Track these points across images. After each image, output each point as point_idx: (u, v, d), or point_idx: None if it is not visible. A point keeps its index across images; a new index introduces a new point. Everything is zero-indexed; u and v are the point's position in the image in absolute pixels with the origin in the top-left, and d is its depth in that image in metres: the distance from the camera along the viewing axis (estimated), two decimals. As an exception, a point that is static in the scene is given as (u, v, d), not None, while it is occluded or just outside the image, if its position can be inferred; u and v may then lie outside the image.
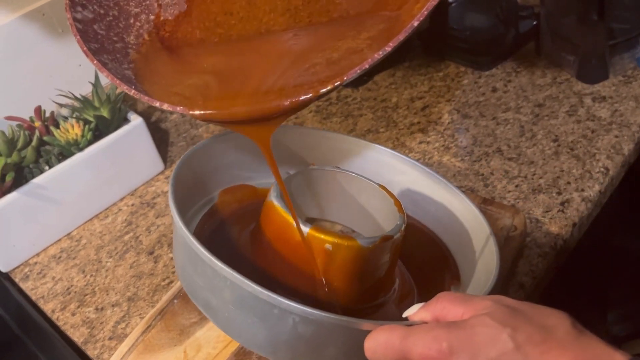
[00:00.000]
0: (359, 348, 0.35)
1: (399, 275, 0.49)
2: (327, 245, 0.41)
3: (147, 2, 0.47)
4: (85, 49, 0.40)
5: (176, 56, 0.45)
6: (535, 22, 0.79)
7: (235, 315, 0.39)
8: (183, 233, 0.40)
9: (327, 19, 0.44)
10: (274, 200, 0.44)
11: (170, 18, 0.47)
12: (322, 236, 0.41)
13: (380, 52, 0.33)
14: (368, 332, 0.34)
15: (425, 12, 0.33)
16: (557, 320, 0.31)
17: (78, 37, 0.41)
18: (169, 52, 0.45)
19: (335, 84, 0.34)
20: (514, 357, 0.29)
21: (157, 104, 0.37)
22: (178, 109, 0.36)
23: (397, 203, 0.47)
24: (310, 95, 0.35)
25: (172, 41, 0.46)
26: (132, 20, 0.46)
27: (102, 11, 0.44)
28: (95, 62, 0.39)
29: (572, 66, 0.74)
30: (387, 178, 0.55)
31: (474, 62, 0.80)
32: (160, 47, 0.45)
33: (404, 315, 0.36)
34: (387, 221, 0.48)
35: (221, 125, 0.41)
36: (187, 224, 0.41)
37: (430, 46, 0.85)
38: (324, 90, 0.34)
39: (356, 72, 0.34)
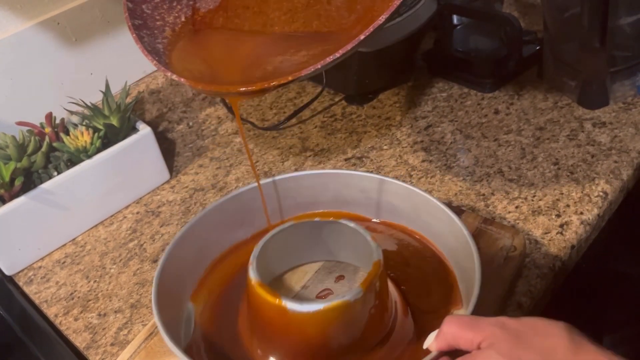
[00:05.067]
0: None
1: (393, 307, 0.50)
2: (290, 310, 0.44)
3: None
4: (129, 24, 0.49)
5: (197, 40, 0.54)
6: (538, 47, 0.81)
7: None
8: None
9: (317, 21, 0.53)
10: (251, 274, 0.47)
11: (205, 7, 0.56)
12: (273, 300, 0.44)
13: (331, 58, 0.42)
14: None
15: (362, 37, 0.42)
16: (556, 340, 0.33)
17: (127, 14, 0.50)
18: (194, 34, 0.54)
19: (297, 76, 0.43)
20: None
21: (169, 74, 0.46)
22: (182, 80, 0.46)
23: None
24: (275, 83, 0.43)
25: (201, 25, 0.55)
26: (175, 3, 0.54)
27: None
28: (134, 35, 0.49)
29: (573, 91, 0.75)
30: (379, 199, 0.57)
31: (477, 84, 0.82)
32: (191, 29, 0.54)
33: (424, 347, 0.39)
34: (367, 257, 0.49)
35: (214, 95, 0.52)
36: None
37: (434, 67, 0.87)
38: (285, 81, 0.43)
39: (310, 70, 0.42)
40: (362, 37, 0.41)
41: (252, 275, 0.47)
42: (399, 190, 0.56)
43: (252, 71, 0.48)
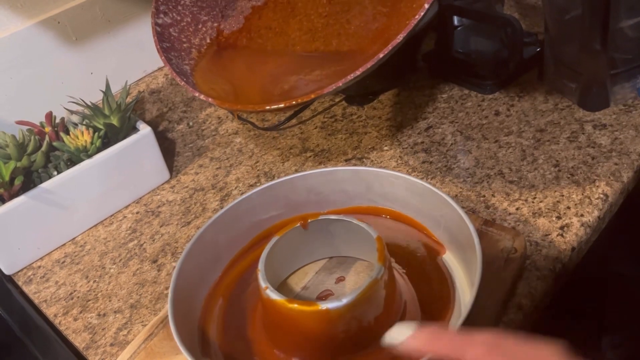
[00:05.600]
0: None
1: (401, 302, 0.50)
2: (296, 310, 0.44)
3: (214, 13, 0.58)
4: (158, 47, 0.52)
5: (221, 61, 0.56)
6: (538, 49, 0.81)
7: None
8: None
9: (336, 40, 0.53)
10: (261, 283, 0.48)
11: (230, 28, 0.59)
12: (288, 305, 0.45)
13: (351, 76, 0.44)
14: None
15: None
16: None
17: (155, 38, 0.52)
18: (218, 55, 0.57)
19: (317, 95, 0.45)
20: None
21: (197, 94, 0.48)
22: (210, 100, 0.48)
23: (380, 255, 0.48)
24: (298, 102, 0.46)
25: (225, 45, 0.58)
26: (200, 26, 0.57)
27: (178, 18, 0.55)
28: (163, 57, 0.51)
29: (573, 93, 0.75)
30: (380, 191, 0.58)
31: (477, 85, 0.82)
32: (215, 50, 0.57)
33: (384, 342, 0.37)
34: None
35: (237, 112, 0.56)
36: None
37: (435, 68, 0.87)
38: (309, 99, 0.45)
39: (332, 88, 0.44)
40: (381, 55, 0.43)
41: (263, 282, 0.47)
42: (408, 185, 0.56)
43: (274, 89, 0.50)
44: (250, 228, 0.58)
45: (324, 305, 0.43)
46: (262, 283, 0.47)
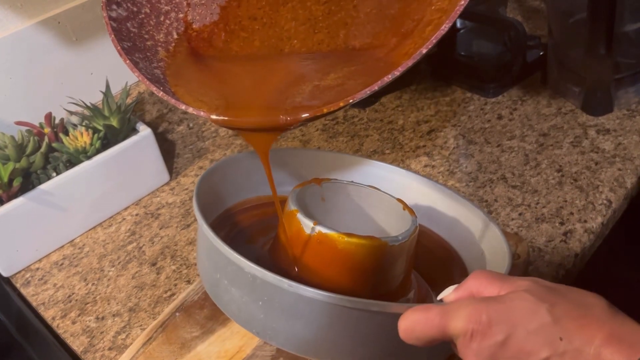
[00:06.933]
0: (389, 332, 0.35)
1: (415, 282, 0.49)
2: (348, 245, 0.42)
3: (177, 1, 0.48)
4: (119, 48, 0.42)
5: (201, 62, 0.47)
6: (542, 53, 0.81)
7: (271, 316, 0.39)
8: (209, 235, 0.41)
9: (344, 31, 0.45)
10: (292, 206, 0.44)
11: (200, 20, 0.49)
12: (346, 239, 0.42)
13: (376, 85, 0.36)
14: (400, 315, 0.34)
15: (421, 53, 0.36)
16: (594, 300, 0.32)
17: (112, 36, 0.43)
18: (194, 55, 0.47)
19: (335, 108, 0.37)
20: (552, 330, 0.30)
21: (183, 107, 0.40)
22: (201, 113, 0.39)
23: (411, 212, 0.47)
24: (310, 114, 0.38)
25: (199, 41, 0.48)
26: (162, 18, 0.47)
27: (135, 9, 0.46)
28: (127, 61, 0.41)
29: (577, 97, 0.75)
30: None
31: (480, 88, 0.81)
32: (188, 47, 0.47)
33: (438, 298, 0.36)
34: (399, 232, 0.48)
35: (234, 130, 0.44)
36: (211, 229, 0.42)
37: (437, 71, 0.86)
38: (326, 111, 0.37)
39: (356, 98, 0.36)
40: (424, 50, 0.36)
41: (308, 221, 0.44)
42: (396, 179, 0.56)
43: (282, 98, 0.42)
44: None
45: (384, 239, 0.42)
46: (308, 222, 0.43)
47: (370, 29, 0.45)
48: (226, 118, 0.39)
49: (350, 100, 0.36)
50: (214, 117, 0.39)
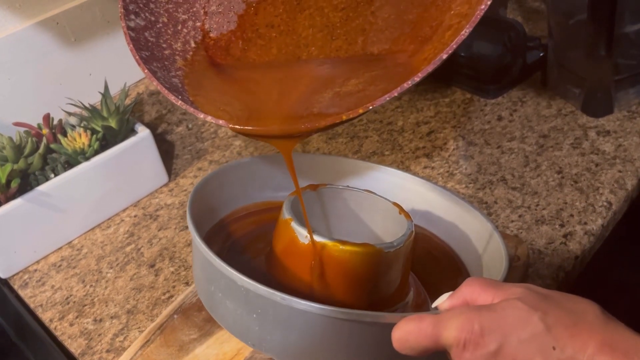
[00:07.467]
0: (382, 342, 0.35)
1: (413, 286, 0.49)
2: (343, 253, 0.42)
3: (194, 10, 0.48)
4: (137, 57, 0.42)
5: (219, 70, 0.46)
6: (542, 54, 0.80)
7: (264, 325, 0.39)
8: (203, 250, 0.41)
9: (362, 37, 0.45)
10: (286, 215, 0.44)
11: (217, 29, 0.48)
12: (340, 247, 0.42)
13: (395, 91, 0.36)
14: (394, 325, 0.34)
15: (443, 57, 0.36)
16: (587, 306, 0.31)
17: (131, 45, 0.42)
18: (212, 64, 0.47)
19: (354, 115, 0.37)
20: (544, 339, 0.30)
21: (202, 116, 0.39)
22: (220, 122, 0.39)
23: (407, 216, 0.47)
24: (329, 122, 0.37)
25: (216, 50, 0.48)
26: (180, 27, 0.47)
27: (152, 18, 0.45)
28: (145, 70, 0.41)
29: (577, 99, 0.74)
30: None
31: (480, 89, 0.81)
32: (205, 56, 0.47)
33: (433, 306, 0.36)
34: (395, 237, 0.48)
35: (254, 138, 0.44)
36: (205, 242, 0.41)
37: (437, 72, 0.85)
38: (345, 118, 0.37)
39: (375, 104, 0.36)
40: (444, 56, 0.36)
41: (302, 230, 0.44)
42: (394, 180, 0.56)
43: (301, 106, 0.42)
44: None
45: (378, 246, 0.42)
46: (302, 231, 0.43)
47: (388, 34, 0.44)
48: (248, 127, 0.39)
49: (370, 107, 0.36)
50: (234, 126, 0.39)
